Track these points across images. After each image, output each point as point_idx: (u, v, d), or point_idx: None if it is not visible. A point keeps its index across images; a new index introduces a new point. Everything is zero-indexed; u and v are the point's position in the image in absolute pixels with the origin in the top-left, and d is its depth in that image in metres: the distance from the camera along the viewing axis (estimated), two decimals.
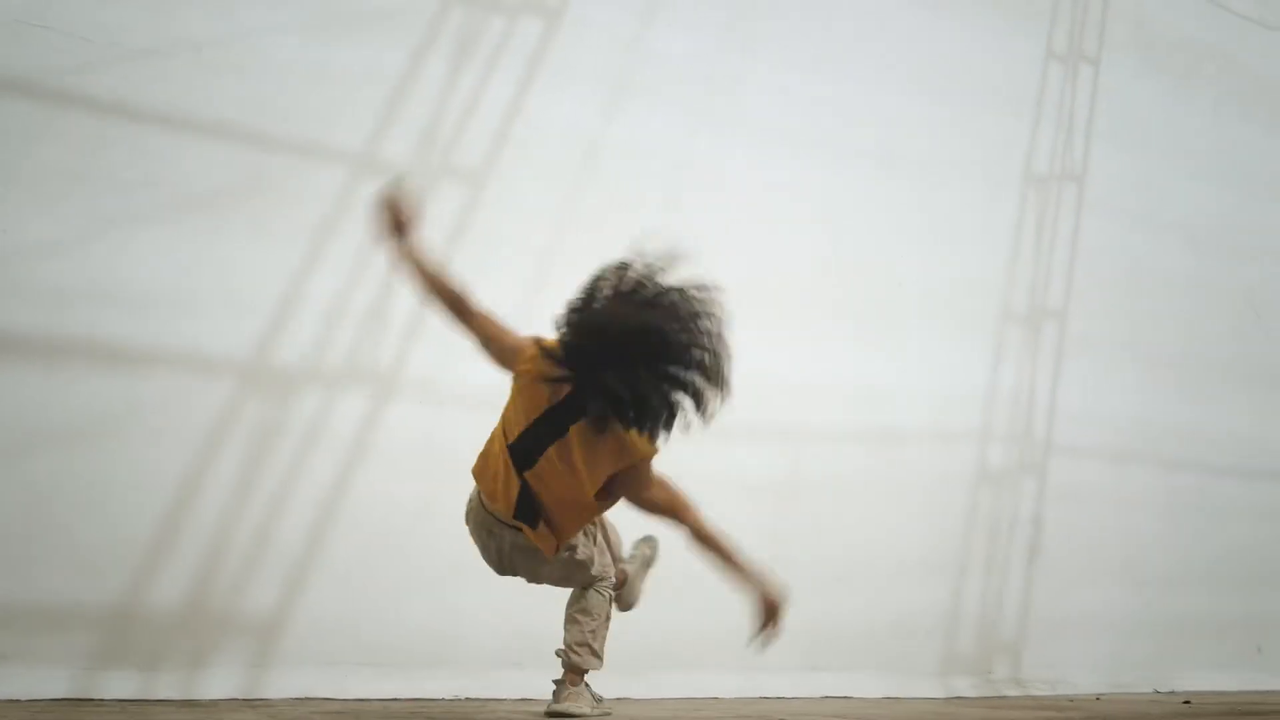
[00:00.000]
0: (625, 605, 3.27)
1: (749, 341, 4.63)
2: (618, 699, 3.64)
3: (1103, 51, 5.97)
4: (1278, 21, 6.71)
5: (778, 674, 4.43)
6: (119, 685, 3.29)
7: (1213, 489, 5.97)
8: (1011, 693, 5.00)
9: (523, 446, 2.65)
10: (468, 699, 3.74)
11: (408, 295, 4.01)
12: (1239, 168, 6.43)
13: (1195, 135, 6.27)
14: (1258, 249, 6.41)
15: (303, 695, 3.51)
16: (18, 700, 3.11)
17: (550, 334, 2.67)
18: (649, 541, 3.44)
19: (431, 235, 4.03)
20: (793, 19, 5.09)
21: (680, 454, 4.47)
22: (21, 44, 3.50)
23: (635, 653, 3.51)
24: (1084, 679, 5.27)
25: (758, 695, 4.32)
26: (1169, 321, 5.99)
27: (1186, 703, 4.82)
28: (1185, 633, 5.72)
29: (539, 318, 4.21)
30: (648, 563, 3.42)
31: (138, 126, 3.65)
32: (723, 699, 4.19)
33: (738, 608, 4.45)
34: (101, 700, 3.21)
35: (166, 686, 3.35)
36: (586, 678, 3.00)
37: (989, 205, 5.54)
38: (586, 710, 2.93)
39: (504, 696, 3.79)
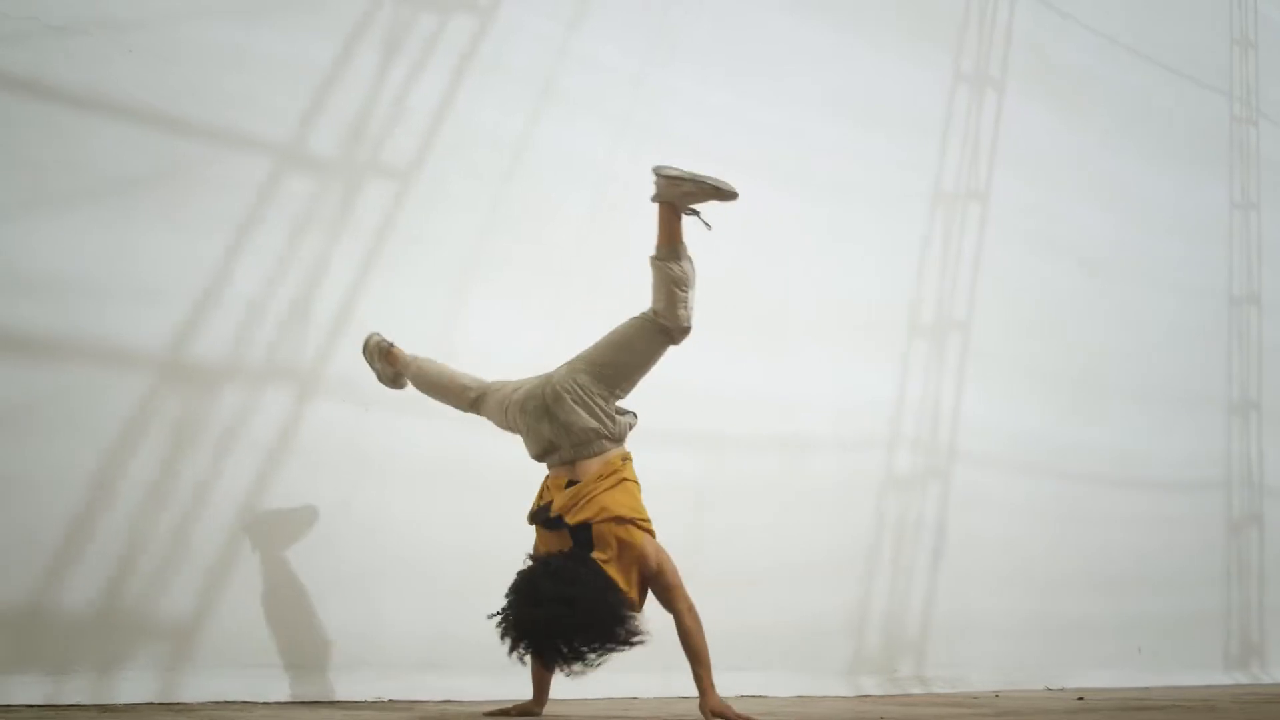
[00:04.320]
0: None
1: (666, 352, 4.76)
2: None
3: (1006, 77, 6.24)
4: (1160, 56, 7.13)
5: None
6: (28, 690, 3.14)
7: (1099, 498, 6.31)
8: (916, 690, 5.17)
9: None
10: (390, 701, 3.70)
11: (330, 291, 3.98)
12: (1124, 194, 6.82)
13: (1086, 161, 6.63)
14: (1138, 271, 6.80)
15: (221, 699, 3.41)
16: None
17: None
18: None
19: (356, 232, 4.05)
20: (714, 34, 5.20)
21: None
22: None
23: None
24: (981, 677, 5.49)
25: (675, 695, 4.37)
26: (1060, 338, 6.31)
27: (1080, 698, 5.05)
28: (1073, 633, 6.01)
29: (462, 317, 4.26)
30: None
31: (52, 105, 3.51)
32: (642, 698, 4.23)
33: (653, 610, 4.54)
34: (9, 705, 3.07)
35: (78, 691, 3.21)
36: None
37: (897, 222, 5.74)
38: None
39: (426, 698, 3.76)
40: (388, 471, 3.98)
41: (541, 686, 3.41)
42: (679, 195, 3.37)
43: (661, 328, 3.34)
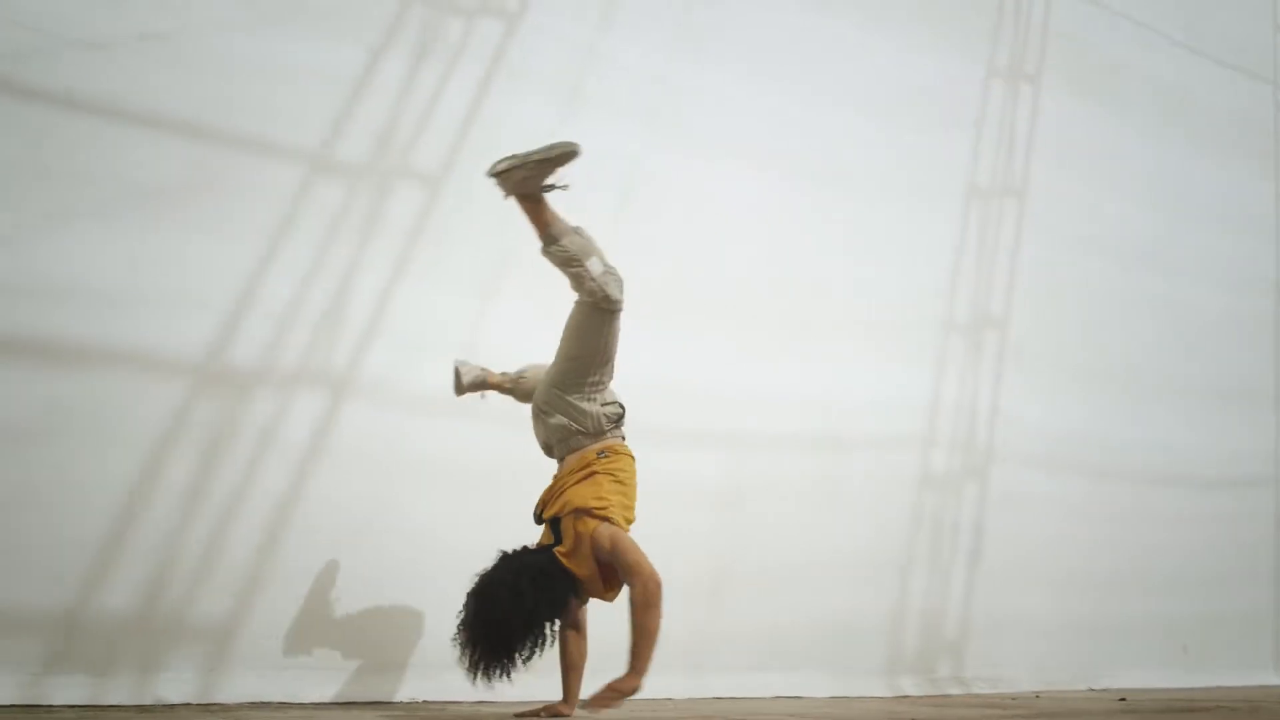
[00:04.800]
0: None
1: (694, 351, 4.77)
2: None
3: (1042, 71, 6.16)
4: (1201, 47, 7.00)
5: (727, 675, 4.51)
6: (70, 691, 3.21)
7: (1136, 495, 6.19)
8: (955, 691, 5.12)
9: None
10: (424, 701, 3.73)
11: (361, 295, 4.03)
12: (1167, 188, 6.69)
13: (1127, 155, 6.51)
14: (1179, 266, 6.67)
15: (257, 699, 3.46)
16: None
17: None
18: None
19: (386, 237, 4.09)
20: (742, 33, 5.18)
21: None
22: None
23: (591, 656, 3.52)
24: (1022, 678, 5.42)
25: (709, 696, 4.37)
26: (1101, 335, 6.21)
27: (1122, 699, 4.98)
28: (1116, 633, 5.91)
29: (491, 318, 4.29)
30: None
31: (85, 119, 3.58)
32: (676, 700, 4.23)
33: (686, 611, 4.54)
34: (52, 707, 3.14)
35: (119, 692, 3.28)
36: None
37: (932, 219, 5.69)
38: None
39: (459, 699, 3.78)
40: (421, 474, 4.01)
41: (571, 688, 3.41)
42: (520, 183, 3.30)
43: (593, 306, 3.31)
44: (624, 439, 3.43)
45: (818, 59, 5.39)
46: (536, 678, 3.32)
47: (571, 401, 3.29)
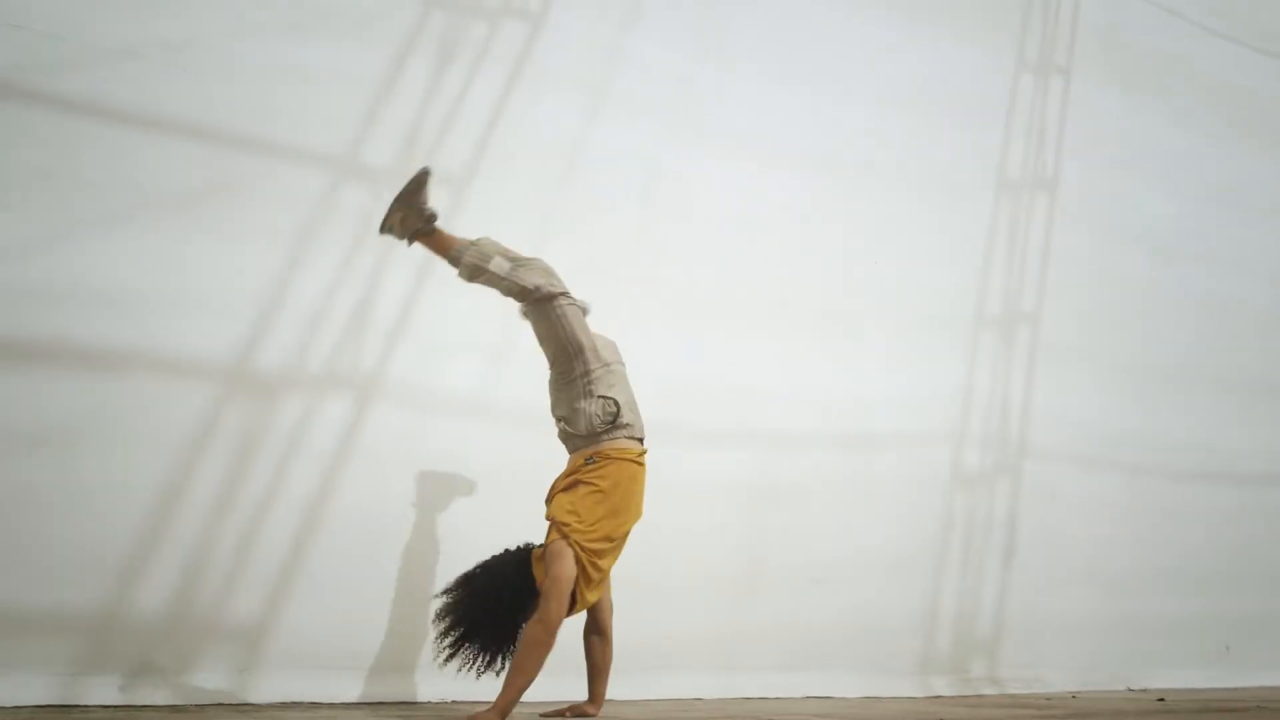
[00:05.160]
0: None
1: (724, 349, 4.75)
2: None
3: (1073, 63, 6.08)
4: (1238, 34, 6.87)
5: (756, 675, 4.49)
6: (103, 692, 3.26)
7: (1176, 492, 6.09)
8: (989, 691, 5.06)
9: None
10: (453, 702, 3.74)
11: (388, 299, 4.05)
12: (1202, 178, 6.57)
13: (1160, 146, 6.40)
14: (1221, 258, 6.55)
15: (288, 700, 3.49)
16: (1, 707, 3.08)
17: None
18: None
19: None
20: (767, 30, 5.15)
21: (665, 460, 4.53)
22: None
23: (619, 656, 3.54)
24: (1059, 677, 5.35)
25: (738, 696, 4.36)
26: (1137, 328, 6.12)
27: (1161, 700, 4.90)
28: (1155, 632, 5.82)
29: (517, 319, 4.29)
30: None
31: (112, 127, 3.63)
32: (706, 699, 4.22)
33: (716, 611, 4.53)
34: (86, 707, 3.19)
35: (151, 692, 3.33)
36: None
37: (962, 212, 5.63)
38: None
39: (489, 700, 3.78)
40: (449, 475, 4.03)
41: (596, 690, 3.42)
42: (403, 224, 3.32)
43: (530, 304, 3.32)
44: (635, 439, 3.32)
45: (843, 55, 5.35)
46: (552, 680, 3.30)
47: (567, 402, 3.29)
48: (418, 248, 3.44)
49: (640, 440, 3.36)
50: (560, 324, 3.27)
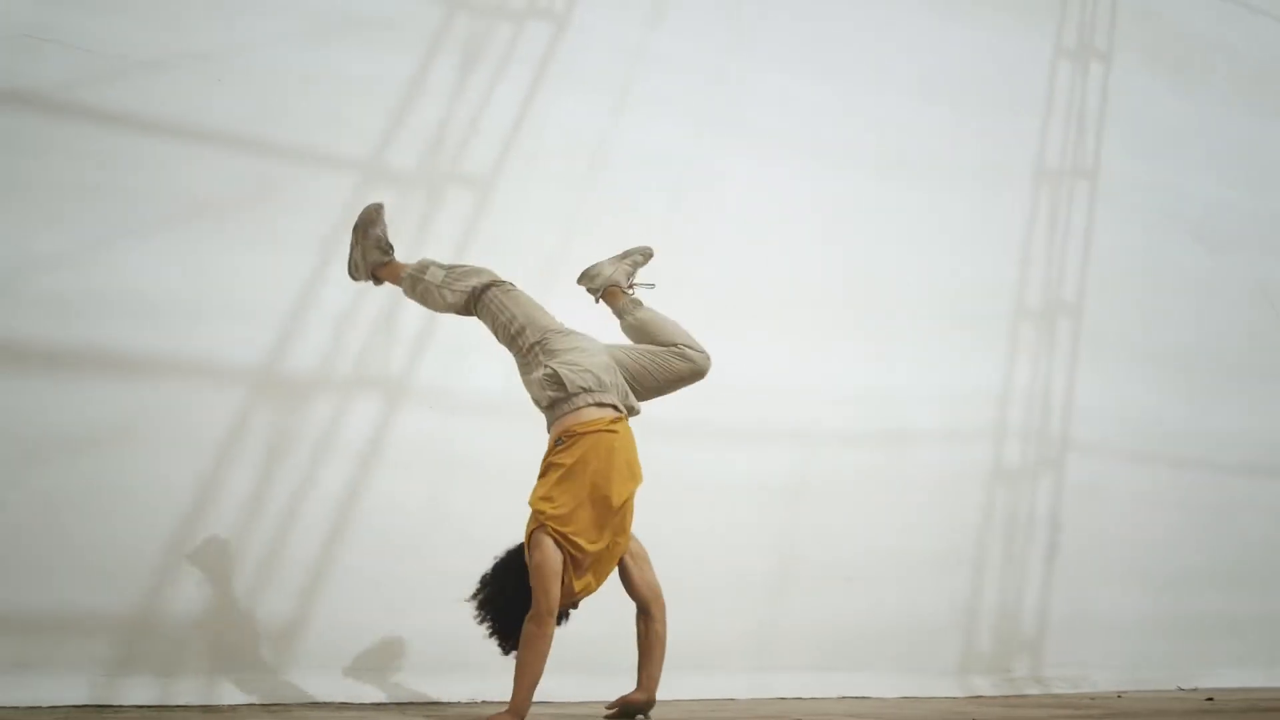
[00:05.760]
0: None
1: (757, 347, 4.71)
2: None
3: (1113, 48, 5.94)
4: None
5: (791, 674, 4.44)
6: (138, 692, 3.32)
7: (1225, 486, 5.91)
8: (1032, 691, 4.96)
9: None
10: (483, 701, 3.76)
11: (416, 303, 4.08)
12: (1249, 161, 6.39)
13: (1206, 129, 6.24)
14: (1273, 246, 6.36)
15: (317, 700, 3.53)
16: (39, 707, 3.15)
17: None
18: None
19: (438, 242, 4.13)
20: (796, 24, 5.11)
21: (697, 459, 4.50)
22: (27, 57, 3.57)
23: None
24: (1105, 677, 5.23)
25: (772, 696, 4.32)
26: (1182, 317, 5.96)
27: (1209, 699, 4.77)
28: (1204, 630, 5.66)
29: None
30: None
31: (143, 137, 3.70)
32: (738, 700, 4.19)
33: (749, 610, 4.48)
34: (121, 707, 3.25)
35: (185, 693, 3.38)
36: None
37: (1000, 203, 5.53)
38: None
39: None
40: (477, 476, 4.05)
41: (642, 672, 3.31)
42: (363, 262, 3.48)
43: (479, 309, 3.37)
44: (604, 405, 3.16)
45: (875, 45, 5.29)
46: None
47: (526, 379, 3.27)
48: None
49: (614, 407, 3.20)
50: (500, 312, 3.30)
